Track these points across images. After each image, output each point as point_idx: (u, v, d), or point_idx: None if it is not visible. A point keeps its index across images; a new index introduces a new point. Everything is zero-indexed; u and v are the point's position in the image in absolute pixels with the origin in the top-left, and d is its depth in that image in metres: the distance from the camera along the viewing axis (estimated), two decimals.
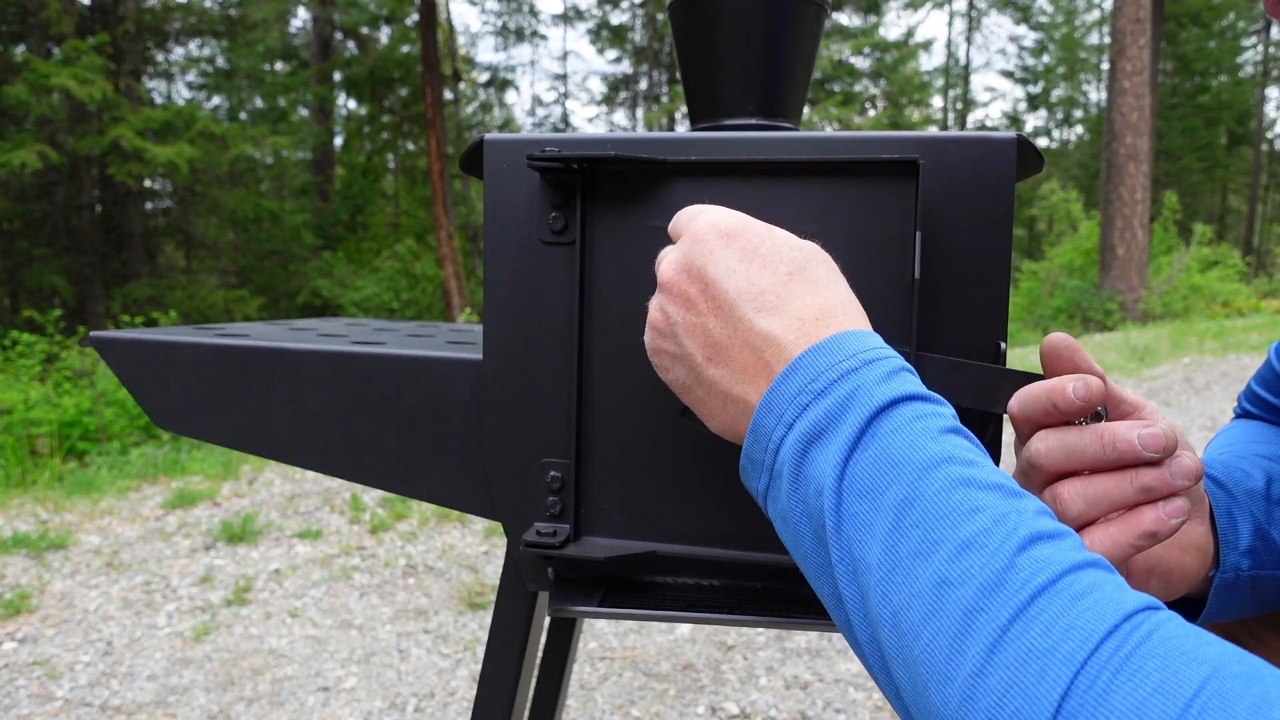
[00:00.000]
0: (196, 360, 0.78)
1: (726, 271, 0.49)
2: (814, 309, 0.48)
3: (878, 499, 0.41)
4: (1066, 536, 0.39)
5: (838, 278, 0.51)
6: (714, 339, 0.50)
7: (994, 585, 0.36)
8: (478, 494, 0.71)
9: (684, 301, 0.51)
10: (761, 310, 0.48)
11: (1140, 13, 11.82)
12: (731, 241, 0.50)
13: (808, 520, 0.44)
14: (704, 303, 0.50)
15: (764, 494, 0.48)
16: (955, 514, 0.39)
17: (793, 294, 0.48)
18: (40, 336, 6.95)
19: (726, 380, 0.50)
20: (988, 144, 0.59)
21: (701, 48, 0.72)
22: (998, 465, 0.62)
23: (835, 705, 2.23)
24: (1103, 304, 12.47)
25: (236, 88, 19.37)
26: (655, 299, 0.54)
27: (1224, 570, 0.60)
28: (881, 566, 0.40)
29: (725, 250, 0.50)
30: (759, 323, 0.48)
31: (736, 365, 0.49)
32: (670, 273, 0.52)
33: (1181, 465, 0.51)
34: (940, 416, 0.44)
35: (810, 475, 0.44)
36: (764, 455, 0.47)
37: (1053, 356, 0.56)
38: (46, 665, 2.46)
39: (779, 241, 0.50)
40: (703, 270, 0.50)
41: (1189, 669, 0.32)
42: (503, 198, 0.66)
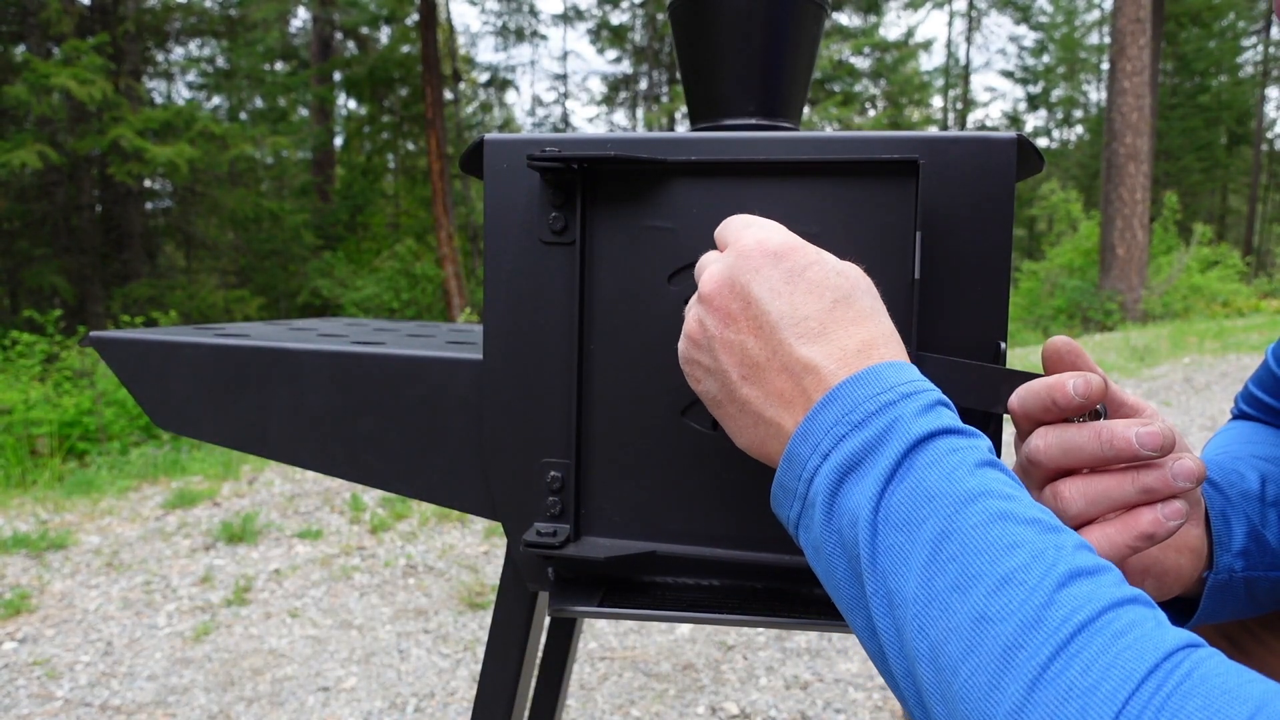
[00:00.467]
0: (196, 360, 0.78)
1: (771, 293, 0.49)
2: (856, 340, 0.48)
3: (914, 532, 0.41)
4: (1106, 572, 0.39)
5: (881, 308, 0.51)
6: (752, 358, 0.49)
7: (1033, 622, 0.36)
8: (478, 494, 0.71)
9: (724, 316, 0.50)
10: (803, 337, 0.48)
11: (1140, 13, 11.82)
12: (779, 262, 0.49)
13: (842, 551, 0.44)
14: (745, 321, 0.50)
15: (795, 522, 0.48)
16: (993, 548, 0.39)
17: (836, 323, 0.48)
18: (40, 336, 6.95)
19: (760, 401, 0.49)
20: (988, 144, 0.59)
21: (701, 48, 0.72)
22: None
23: (835, 705, 2.23)
24: (1103, 304, 12.47)
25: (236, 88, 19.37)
26: (694, 308, 0.53)
27: (1217, 571, 0.60)
28: (918, 600, 0.39)
29: (772, 270, 0.49)
30: (800, 349, 0.48)
31: (772, 388, 0.49)
32: (712, 285, 0.51)
33: (1183, 467, 0.51)
34: (976, 450, 0.43)
35: (845, 506, 0.44)
36: (797, 484, 0.47)
37: (1054, 359, 0.56)
38: (46, 665, 2.46)
39: (826, 267, 0.50)
40: (746, 288, 0.49)
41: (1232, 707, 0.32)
42: (503, 198, 0.66)
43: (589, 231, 0.65)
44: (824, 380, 0.47)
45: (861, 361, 0.47)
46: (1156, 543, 0.51)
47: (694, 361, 0.53)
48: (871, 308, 0.50)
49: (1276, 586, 0.63)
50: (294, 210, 16.77)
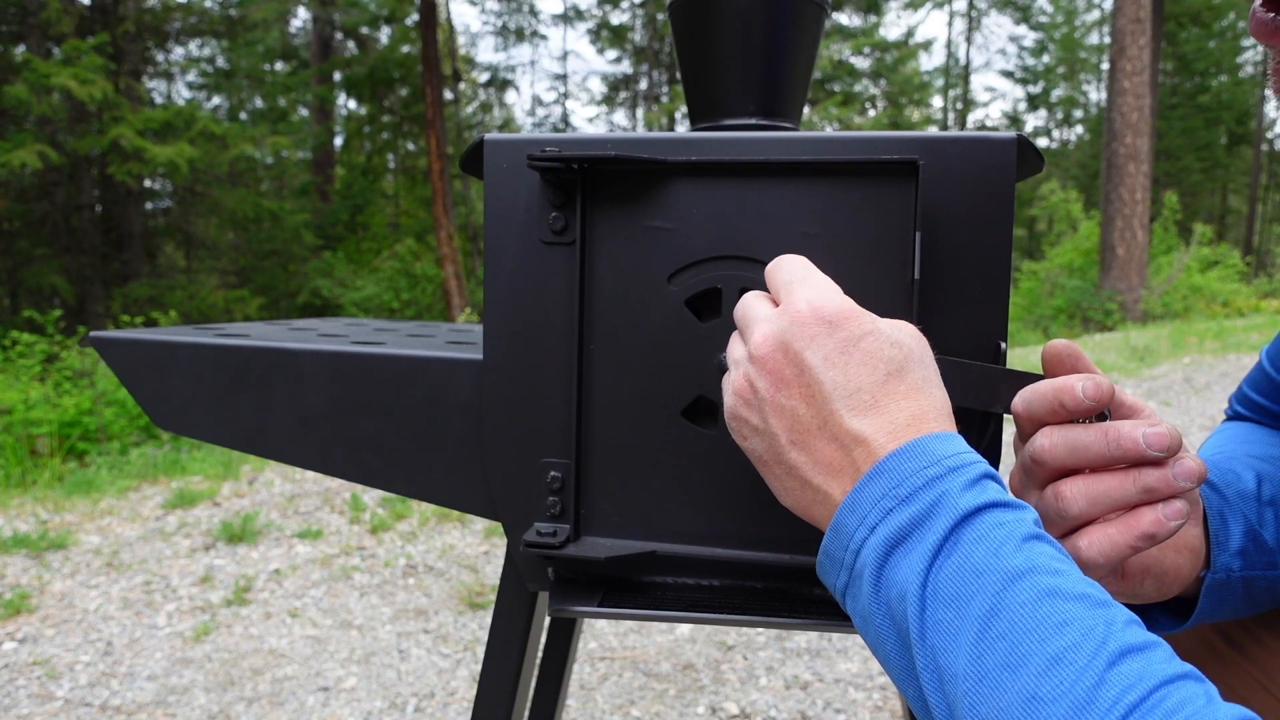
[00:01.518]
0: (196, 360, 0.78)
1: (825, 362, 0.49)
2: (907, 414, 0.48)
3: (963, 608, 0.41)
4: (1156, 648, 0.39)
5: (933, 378, 0.51)
6: (802, 425, 0.50)
7: (1085, 703, 0.36)
8: (478, 494, 0.71)
9: (777, 380, 0.50)
10: (855, 409, 0.48)
11: (1140, 12, 11.82)
12: (834, 331, 0.49)
13: (890, 623, 0.44)
14: (798, 387, 0.50)
15: (843, 592, 0.48)
16: (1043, 627, 0.39)
17: (889, 396, 0.48)
18: (40, 336, 6.94)
19: (808, 468, 0.50)
20: (988, 144, 0.59)
21: (701, 48, 0.72)
22: (998, 464, 0.62)
23: (835, 705, 2.23)
24: (1103, 304, 12.46)
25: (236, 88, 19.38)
26: (743, 366, 0.53)
27: (1215, 571, 0.60)
28: (969, 678, 0.40)
29: (827, 339, 0.49)
30: (851, 422, 0.48)
31: (821, 456, 0.49)
32: (766, 348, 0.51)
33: (1184, 467, 0.51)
34: (1023, 523, 0.44)
35: (893, 579, 0.44)
36: (844, 554, 0.47)
37: (1054, 362, 0.56)
38: (46, 665, 2.46)
39: (881, 338, 0.50)
40: (800, 355, 0.49)
41: None
42: (503, 198, 0.66)
43: (589, 231, 0.64)
44: (873, 453, 0.47)
45: (910, 434, 0.47)
46: (1158, 542, 0.52)
47: (742, 419, 0.53)
48: (924, 379, 0.50)
49: (1274, 585, 0.63)
50: (294, 210, 16.77)
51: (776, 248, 0.62)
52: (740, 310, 0.56)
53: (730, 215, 0.62)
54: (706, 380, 0.63)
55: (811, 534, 0.63)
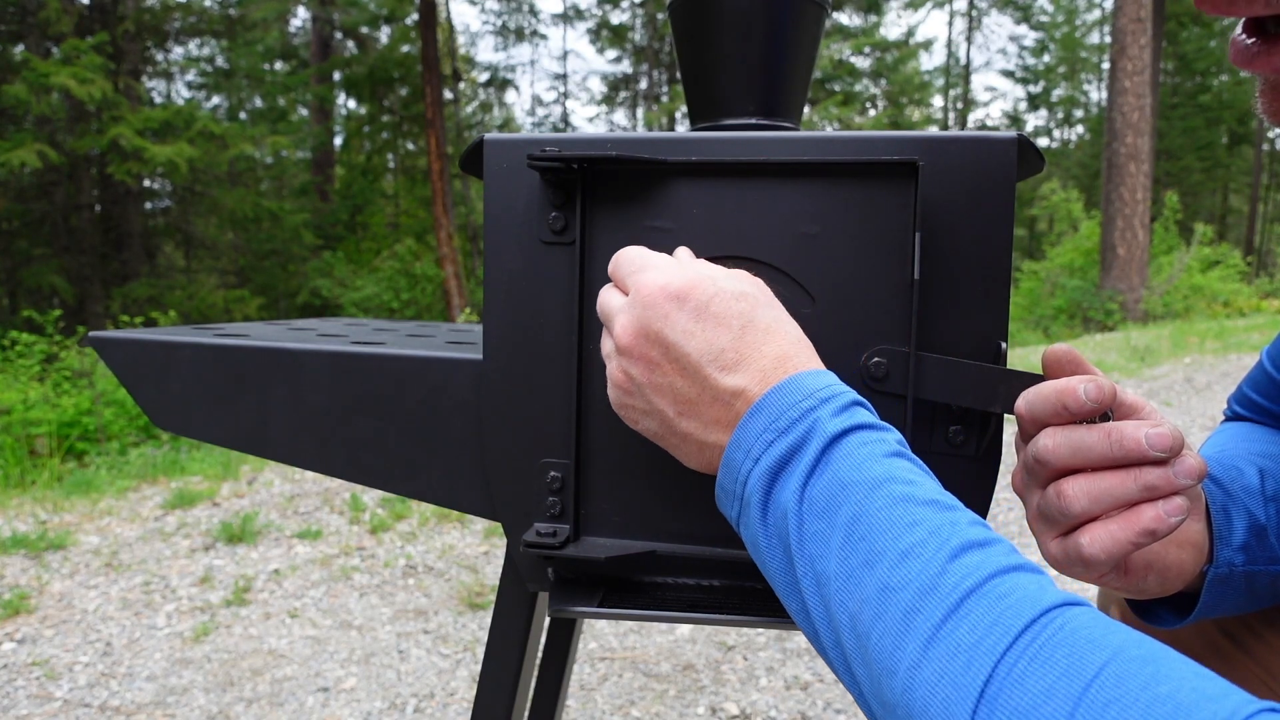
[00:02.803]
0: (196, 360, 0.78)
1: (684, 334, 0.52)
2: (771, 357, 0.52)
3: (832, 517, 0.46)
4: (997, 544, 0.43)
5: (782, 315, 0.55)
6: (683, 396, 0.53)
7: (929, 589, 0.41)
8: (478, 494, 0.71)
9: (647, 364, 0.54)
10: (725, 368, 0.52)
11: (1141, 12, 11.82)
12: (682, 304, 0.53)
13: (777, 541, 0.48)
14: (668, 364, 0.53)
15: (737, 520, 0.52)
16: (896, 527, 0.44)
17: (749, 347, 0.52)
18: (39, 336, 6.94)
19: (700, 431, 0.54)
20: (988, 144, 0.59)
21: (701, 48, 0.72)
22: (998, 464, 0.62)
23: (835, 705, 2.23)
24: (1103, 304, 12.46)
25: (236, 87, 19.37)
26: (615, 359, 0.56)
27: (1217, 565, 0.60)
28: (838, 577, 0.44)
29: (678, 313, 0.53)
30: (724, 380, 0.52)
31: (708, 417, 0.53)
32: (628, 338, 0.54)
33: (1185, 465, 0.51)
34: (885, 442, 0.48)
35: (777, 501, 0.49)
36: (735, 486, 0.51)
37: (1055, 367, 0.57)
38: (45, 666, 2.46)
39: (726, 295, 0.53)
40: (660, 335, 0.53)
41: (1093, 654, 0.36)
42: (503, 198, 0.65)
43: (589, 231, 0.64)
44: (751, 399, 0.51)
45: (780, 373, 0.51)
46: (1159, 538, 0.52)
47: (628, 407, 0.57)
48: (774, 319, 0.54)
49: (1276, 581, 0.63)
50: (294, 210, 16.76)
51: (777, 248, 0.62)
52: (599, 307, 0.59)
53: (730, 215, 0.62)
54: None
55: None
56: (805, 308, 0.61)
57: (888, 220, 0.60)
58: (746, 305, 0.53)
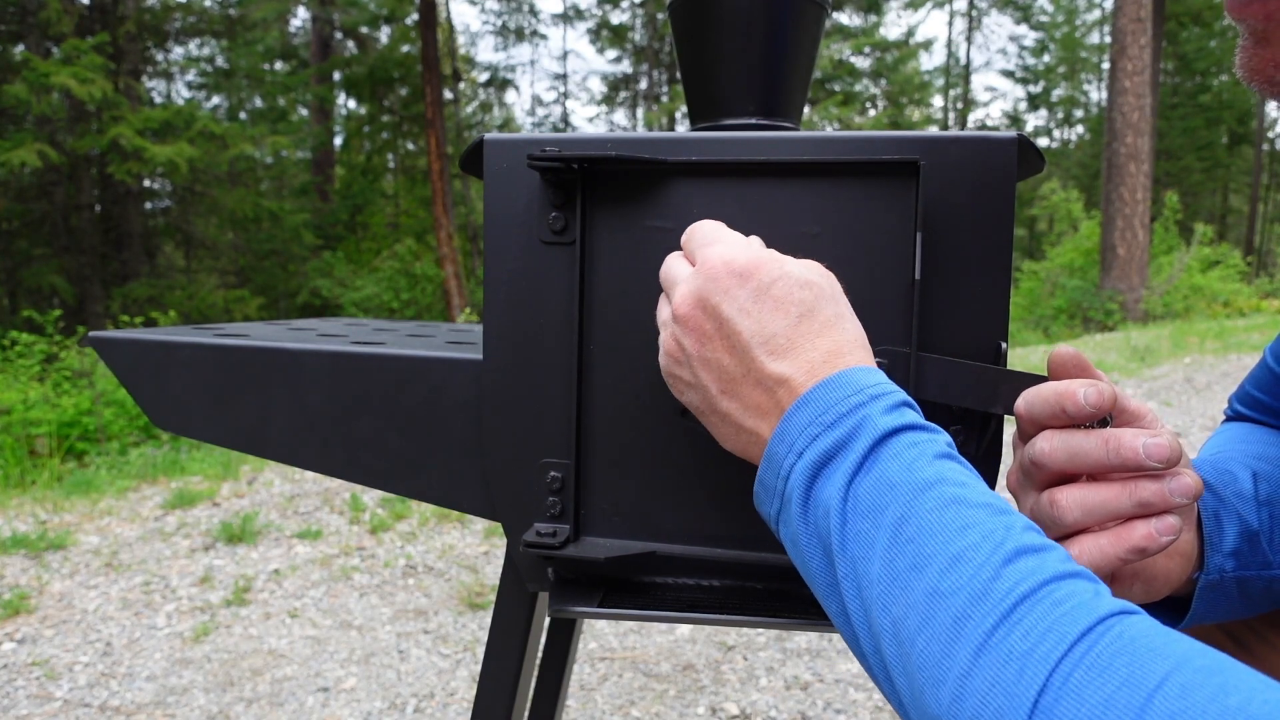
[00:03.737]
0: (196, 360, 0.78)
1: (740, 312, 0.51)
2: (822, 351, 0.50)
3: (878, 518, 0.44)
4: (1051, 550, 0.41)
5: (845, 313, 0.53)
6: (728, 374, 0.52)
7: (980, 595, 0.39)
8: (478, 494, 0.71)
9: (699, 335, 0.53)
10: (773, 353, 0.51)
11: (1141, 12, 11.82)
12: (745, 282, 0.52)
13: (817, 540, 0.47)
14: (719, 339, 0.52)
15: (776, 518, 0.51)
16: (947, 530, 0.42)
17: (802, 336, 0.51)
18: (39, 336, 6.94)
19: (739, 413, 0.52)
20: (988, 144, 0.59)
21: (701, 48, 0.72)
22: (998, 464, 0.62)
23: (835, 705, 2.23)
24: (1103, 304, 12.46)
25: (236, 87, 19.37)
26: (669, 327, 0.55)
27: (1208, 572, 0.60)
28: (882, 580, 0.42)
29: (739, 290, 0.52)
30: (771, 365, 0.50)
31: (749, 401, 0.52)
32: (685, 307, 0.53)
33: (1181, 483, 0.51)
34: (935, 444, 0.46)
35: (819, 499, 0.47)
36: (776, 481, 0.50)
37: (1059, 369, 0.56)
38: (45, 666, 2.46)
39: (790, 281, 0.52)
40: (717, 309, 0.52)
41: (1154, 663, 0.34)
42: (503, 198, 0.65)
43: (589, 231, 0.64)
44: (794, 390, 0.50)
45: (828, 369, 0.50)
46: (1148, 556, 0.52)
47: (675, 376, 0.56)
48: (836, 315, 0.52)
49: (1271, 585, 0.63)
50: (294, 210, 16.76)
51: (777, 247, 0.61)
52: (663, 274, 0.58)
53: (731, 215, 0.62)
54: None
55: None
56: None
57: (888, 220, 0.60)
58: (809, 295, 0.52)
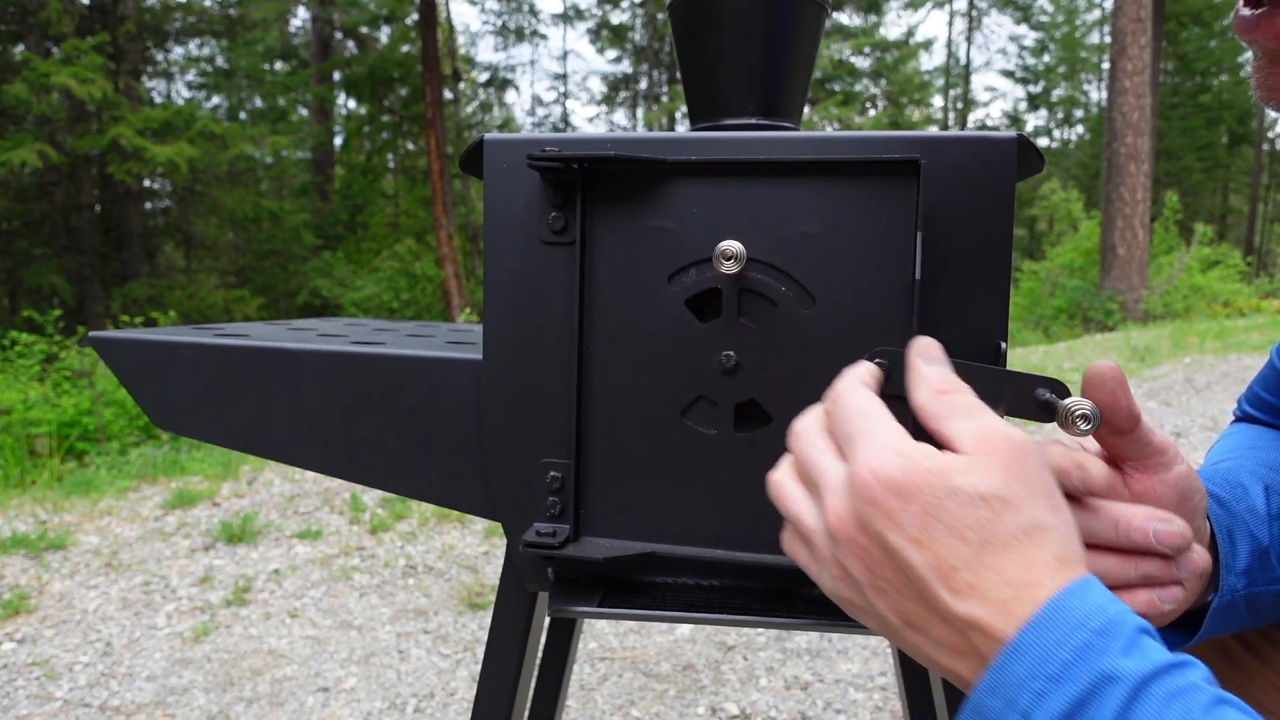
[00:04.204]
0: (196, 360, 0.78)
1: (910, 543, 0.43)
2: (1014, 580, 0.42)
3: None
4: None
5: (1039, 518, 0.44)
6: (909, 608, 0.45)
7: None
8: (478, 494, 0.71)
9: (866, 561, 0.46)
10: (955, 592, 0.43)
11: (1141, 12, 11.82)
12: (908, 504, 0.44)
13: None
14: (890, 570, 0.45)
15: None
16: None
17: (988, 569, 0.42)
18: (39, 336, 6.94)
19: (929, 648, 0.46)
20: (988, 144, 0.59)
21: (701, 48, 0.72)
22: None
23: (836, 706, 2.23)
24: (1103, 304, 12.46)
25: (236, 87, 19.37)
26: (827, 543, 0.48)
27: (1221, 594, 0.60)
28: None
29: (903, 515, 0.44)
30: (955, 607, 0.43)
31: (938, 638, 0.45)
32: (845, 528, 0.46)
33: (1190, 563, 0.50)
34: (1199, 689, 0.38)
35: None
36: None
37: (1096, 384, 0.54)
38: (45, 666, 2.46)
39: (962, 499, 0.43)
40: (881, 537, 0.44)
41: None
42: (503, 198, 0.65)
43: (589, 231, 0.64)
44: (991, 635, 0.42)
45: (1027, 606, 0.41)
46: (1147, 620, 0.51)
47: (846, 601, 0.49)
48: (1026, 526, 0.43)
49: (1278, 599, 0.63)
50: (294, 210, 16.77)
51: (777, 247, 0.61)
52: (801, 455, 0.50)
53: (731, 215, 0.62)
54: (707, 381, 0.63)
55: None
56: (806, 308, 0.61)
57: (889, 220, 0.60)
58: (986, 513, 0.43)
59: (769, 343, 0.62)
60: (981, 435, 0.45)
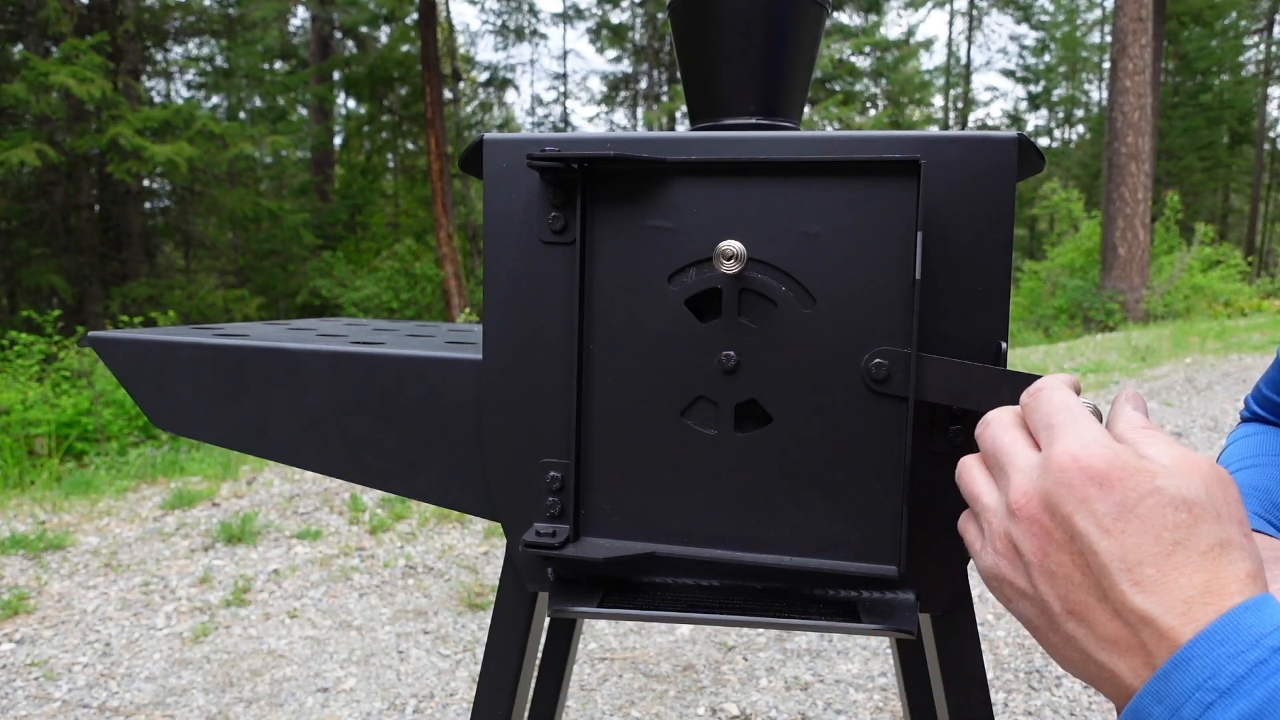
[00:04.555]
0: (195, 360, 0.78)
1: (1100, 530, 0.43)
2: (1200, 587, 0.41)
3: None
4: None
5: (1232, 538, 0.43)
6: (1078, 594, 0.45)
7: None
8: (478, 494, 0.71)
9: (1043, 540, 0.45)
10: (1138, 584, 0.42)
11: (1142, 11, 11.82)
12: (1108, 493, 0.43)
13: None
14: (1068, 553, 0.45)
15: None
16: None
17: (1176, 569, 0.42)
18: (38, 336, 6.94)
19: (1089, 641, 0.45)
20: (989, 143, 0.59)
21: (701, 48, 0.72)
22: None
23: (836, 706, 2.23)
24: (1104, 304, 12.47)
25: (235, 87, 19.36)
26: (1001, 519, 0.48)
27: None
28: None
29: (1099, 502, 0.43)
30: (1134, 598, 0.42)
31: (1103, 631, 0.44)
32: (1030, 507, 0.46)
33: None
34: None
35: None
36: None
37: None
38: (44, 666, 2.46)
39: (1163, 499, 0.43)
40: (1070, 519, 0.44)
41: None
42: (503, 198, 0.65)
43: (589, 231, 0.64)
44: (1166, 636, 0.41)
45: (1209, 611, 0.41)
46: None
47: (1006, 581, 0.48)
48: (1221, 541, 0.42)
49: None
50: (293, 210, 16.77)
51: (777, 247, 0.61)
52: (992, 442, 0.50)
53: (731, 215, 0.62)
54: (706, 381, 0.63)
55: (810, 534, 0.62)
56: (806, 308, 0.61)
57: (889, 220, 0.60)
58: (1185, 518, 0.42)
59: (769, 343, 0.62)
60: (1183, 455, 0.45)
